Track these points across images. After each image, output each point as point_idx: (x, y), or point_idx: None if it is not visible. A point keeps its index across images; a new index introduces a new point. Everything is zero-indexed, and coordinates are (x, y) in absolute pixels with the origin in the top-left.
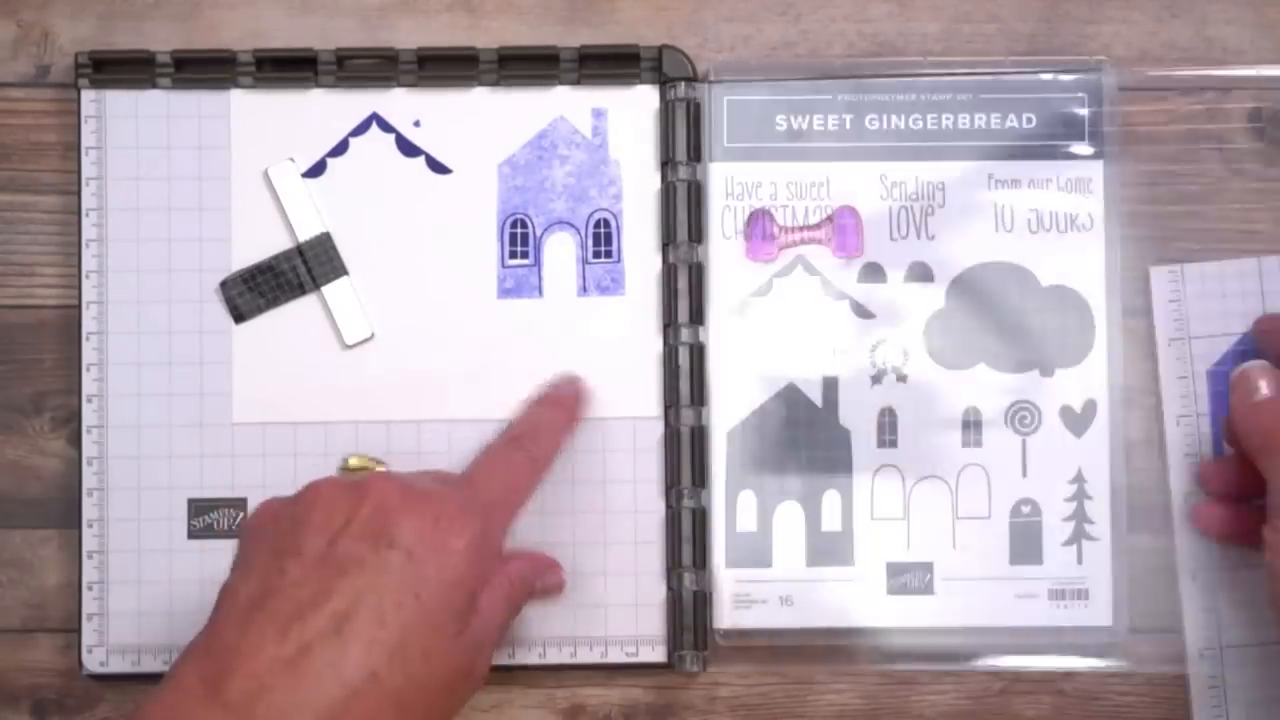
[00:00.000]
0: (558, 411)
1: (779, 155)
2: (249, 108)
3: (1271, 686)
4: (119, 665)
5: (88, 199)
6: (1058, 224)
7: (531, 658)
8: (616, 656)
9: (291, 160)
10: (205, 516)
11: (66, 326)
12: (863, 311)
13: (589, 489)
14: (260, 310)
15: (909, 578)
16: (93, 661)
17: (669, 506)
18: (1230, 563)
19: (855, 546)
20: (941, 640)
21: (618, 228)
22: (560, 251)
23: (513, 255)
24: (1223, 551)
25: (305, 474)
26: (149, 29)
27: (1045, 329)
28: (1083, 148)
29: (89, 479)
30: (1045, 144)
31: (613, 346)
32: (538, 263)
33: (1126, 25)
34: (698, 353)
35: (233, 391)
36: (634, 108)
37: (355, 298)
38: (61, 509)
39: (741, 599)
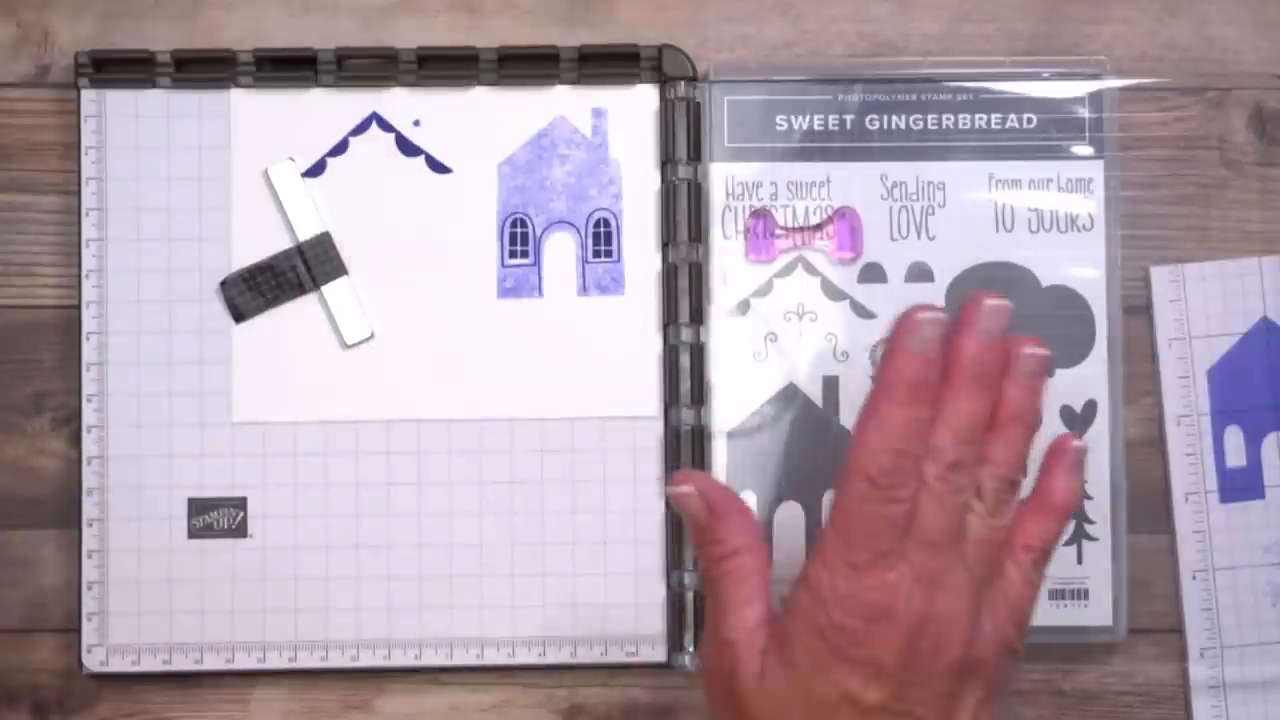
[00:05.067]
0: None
1: (779, 155)
2: (249, 108)
3: (1272, 686)
4: (119, 665)
5: (88, 199)
6: (1058, 224)
7: (531, 658)
8: (616, 656)
9: (291, 160)
10: (205, 516)
11: (66, 326)
12: (863, 311)
13: (589, 489)
14: (260, 310)
15: None
16: (93, 661)
17: (669, 506)
18: (1230, 563)
19: None
20: None
21: (618, 227)
22: (560, 251)
23: (513, 255)
24: (1223, 551)
25: (305, 474)
26: (149, 29)
27: (1045, 329)
28: (1083, 148)
29: (89, 479)
30: (1045, 144)
31: (613, 346)
32: (538, 262)
33: (1126, 25)
34: (698, 353)
35: (233, 391)
36: (634, 107)
37: (355, 297)
38: (61, 509)
39: None
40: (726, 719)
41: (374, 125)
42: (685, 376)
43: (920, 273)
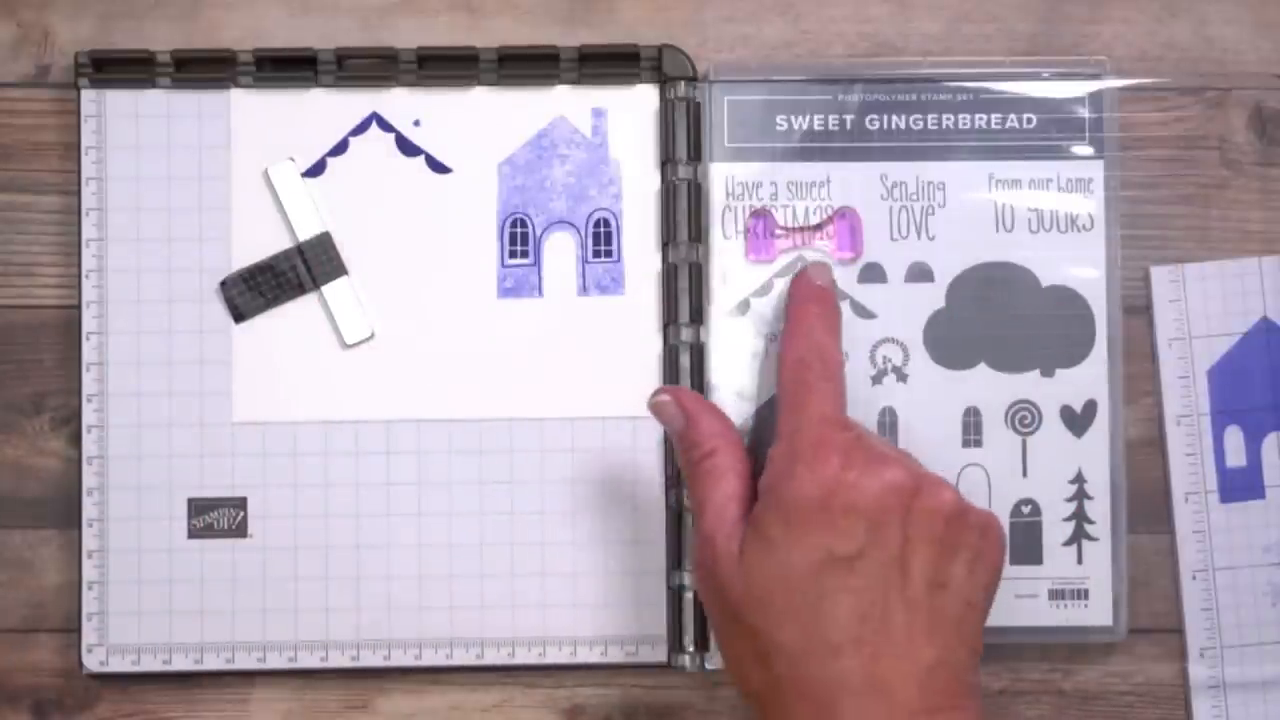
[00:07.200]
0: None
1: (779, 155)
2: (249, 107)
3: (1272, 686)
4: (119, 665)
5: (88, 199)
6: (1058, 224)
7: (531, 658)
8: (616, 656)
9: (291, 160)
10: (205, 516)
11: (66, 326)
12: (863, 311)
13: (589, 488)
14: (260, 310)
15: None
16: (93, 661)
17: (669, 506)
18: (1230, 563)
19: None
20: None
21: (618, 227)
22: (560, 251)
23: (513, 255)
24: (1223, 551)
25: (305, 474)
26: (149, 29)
27: (1045, 329)
28: (1083, 148)
29: (89, 479)
30: (1045, 144)
31: (613, 346)
32: (538, 262)
33: (1126, 25)
34: (698, 353)
35: (233, 391)
36: (634, 107)
37: (355, 297)
38: (61, 509)
39: None
40: (717, 614)
41: (374, 125)
42: (685, 376)
43: (920, 273)
